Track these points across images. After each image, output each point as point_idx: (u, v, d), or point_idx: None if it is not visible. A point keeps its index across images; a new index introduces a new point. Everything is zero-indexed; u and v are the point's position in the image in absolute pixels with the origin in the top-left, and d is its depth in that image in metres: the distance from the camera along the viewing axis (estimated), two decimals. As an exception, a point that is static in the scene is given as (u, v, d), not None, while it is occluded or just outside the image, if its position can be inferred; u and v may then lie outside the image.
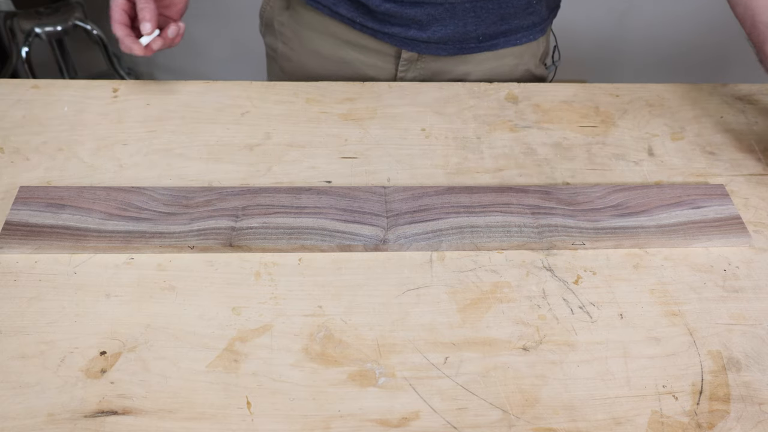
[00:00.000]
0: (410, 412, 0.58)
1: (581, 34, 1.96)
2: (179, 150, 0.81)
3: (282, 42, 1.02)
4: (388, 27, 0.92)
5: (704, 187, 0.77)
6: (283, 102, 0.88)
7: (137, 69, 2.06)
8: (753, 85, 0.94)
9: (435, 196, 0.74)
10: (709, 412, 0.58)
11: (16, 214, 0.70)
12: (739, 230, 0.72)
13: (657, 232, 0.71)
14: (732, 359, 0.62)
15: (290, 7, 0.99)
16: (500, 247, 0.70)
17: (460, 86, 0.92)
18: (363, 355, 0.61)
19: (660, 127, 0.87)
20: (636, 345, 0.63)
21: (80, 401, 0.57)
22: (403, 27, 0.92)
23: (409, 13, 0.90)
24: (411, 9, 0.89)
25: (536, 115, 0.88)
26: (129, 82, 0.91)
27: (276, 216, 0.71)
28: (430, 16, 0.90)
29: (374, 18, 0.92)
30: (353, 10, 0.92)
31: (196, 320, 0.63)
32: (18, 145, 0.80)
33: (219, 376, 0.59)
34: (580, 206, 0.74)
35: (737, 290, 0.68)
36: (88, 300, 0.64)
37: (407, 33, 0.93)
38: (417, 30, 0.92)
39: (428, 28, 0.92)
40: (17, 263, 0.67)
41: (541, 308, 0.65)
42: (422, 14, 0.90)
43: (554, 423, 0.57)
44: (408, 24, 0.92)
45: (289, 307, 0.65)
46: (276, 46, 1.04)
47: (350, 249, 0.70)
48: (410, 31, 0.92)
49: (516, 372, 0.60)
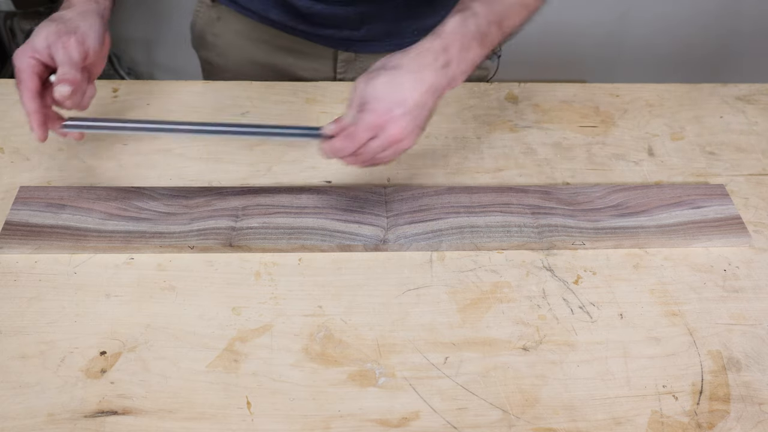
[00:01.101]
0: (410, 412, 0.58)
1: (581, 34, 1.96)
2: (179, 150, 0.81)
3: (216, 54, 0.99)
4: (321, 29, 0.91)
5: (704, 187, 0.77)
6: (283, 102, 0.88)
7: (137, 69, 2.06)
8: (753, 85, 0.94)
9: (435, 196, 0.74)
10: (709, 412, 0.58)
11: (16, 214, 0.70)
12: (739, 230, 0.72)
13: (657, 232, 0.71)
14: (732, 359, 0.62)
15: (221, 18, 0.96)
16: (500, 247, 0.70)
17: (460, 86, 0.92)
18: (363, 355, 0.61)
19: (660, 127, 0.87)
20: (636, 345, 0.63)
21: (80, 401, 0.57)
22: (336, 28, 0.90)
23: (340, 14, 0.88)
24: (342, 9, 0.87)
25: (536, 115, 0.88)
26: (129, 82, 0.91)
27: (276, 216, 0.71)
28: (362, 14, 0.88)
29: (306, 21, 0.90)
30: (284, 14, 0.90)
31: (196, 320, 0.63)
32: (18, 145, 0.80)
33: (219, 376, 0.59)
34: (580, 206, 0.74)
35: (737, 290, 0.68)
36: (88, 300, 0.64)
37: (341, 33, 0.91)
38: (351, 30, 0.90)
39: (362, 27, 0.90)
40: (17, 263, 0.67)
41: (541, 308, 0.65)
42: (354, 13, 0.88)
43: (554, 423, 0.57)
44: (341, 24, 0.90)
45: (289, 307, 0.65)
46: (211, 58, 1.01)
47: (350, 249, 0.70)
48: (344, 31, 0.91)
49: (516, 372, 0.60)
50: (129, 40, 1.98)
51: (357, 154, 0.63)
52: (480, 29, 0.62)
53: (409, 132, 0.61)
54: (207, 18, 0.98)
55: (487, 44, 0.63)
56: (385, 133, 0.61)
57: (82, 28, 0.65)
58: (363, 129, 0.61)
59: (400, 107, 0.60)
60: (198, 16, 0.99)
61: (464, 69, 0.63)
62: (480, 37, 0.62)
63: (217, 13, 0.96)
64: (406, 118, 0.60)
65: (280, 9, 0.90)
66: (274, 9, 0.90)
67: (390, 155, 0.63)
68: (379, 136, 0.61)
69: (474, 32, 0.62)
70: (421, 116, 0.62)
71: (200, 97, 0.88)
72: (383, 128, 0.61)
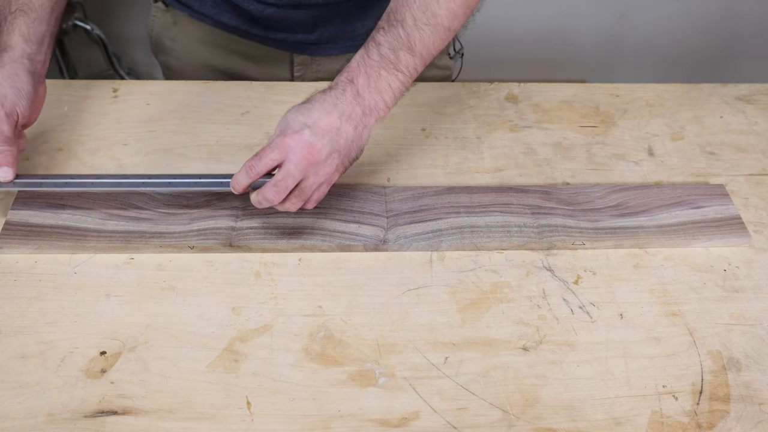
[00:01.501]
0: (410, 412, 0.58)
1: (581, 34, 1.96)
2: (179, 150, 0.81)
3: (174, 58, 0.99)
4: (274, 33, 0.90)
5: (704, 187, 0.77)
6: (283, 102, 0.88)
7: (137, 69, 2.06)
8: (753, 85, 0.94)
9: (435, 196, 0.74)
10: (709, 412, 0.58)
11: (16, 214, 0.70)
12: (739, 230, 0.72)
13: (657, 232, 0.71)
14: (732, 359, 0.62)
15: (177, 23, 0.96)
16: (500, 247, 0.70)
17: (460, 86, 0.92)
18: (363, 355, 0.61)
19: (660, 127, 0.87)
20: (636, 345, 0.63)
21: (80, 401, 0.57)
22: (289, 32, 0.90)
23: (293, 17, 0.87)
24: (294, 13, 0.87)
25: (536, 115, 0.88)
26: (129, 82, 0.91)
27: (276, 216, 0.71)
28: (314, 18, 0.88)
29: (259, 25, 0.90)
30: (236, 18, 0.90)
31: (196, 320, 0.63)
32: (18, 145, 0.80)
33: (219, 376, 0.59)
34: (580, 206, 0.74)
35: (737, 290, 0.68)
36: (88, 300, 0.64)
37: (294, 37, 0.90)
38: (304, 33, 0.90)
39: (315, 30, 0.90)
40: (17, 263, 0.67)
41: (541, 308, 0.65)
42: (306, 17, 0.88)
43: (554, 423, 0.57)
44: (294, 28, 0.89)
45: (289, 307, 0.65)
46: (170, 63, 1.00)
47: (350, 249, 0.70)
48: (297, 35, 0.90)
49: (516, 372, 0.60)
50: (129, 40, 1.98)
51: (278, 185, 0.62)
52: (385, 57, 0.65)
53: (326, 154, 0.63)
54: (163, 23, 0.97)
55: (401, 68, 0.65)
56: (296, 154, 0.62)
57: (9, 97, 0.67)
58: (275, 148, 0.62)
59: (309, 129, 0.62)
60: (154, 21, 0.98)
61: (383, 96, 0.65)
62: (387, 64, 0.65)
63: (172, 17, 0.96)
64: (320, 139, 0.62)
65: (232, 13, 0.89)
66: (226, 13, 0.90)
67: (314, 183, 0.64)
68: (292, 158, 0.62)
69: (378, 61, 0.65)
70: (339, 142, 0.63)
71: (200, 97, 0.88)
72: (294, 149, 0.62)
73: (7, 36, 0.70)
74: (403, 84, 0.66)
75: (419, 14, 0.65)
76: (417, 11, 0.65)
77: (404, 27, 0.65)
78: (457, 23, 0.68)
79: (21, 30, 0.70)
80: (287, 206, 0.64)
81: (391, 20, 0.66)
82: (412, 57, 0.65)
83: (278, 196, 0.63)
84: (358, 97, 0.64)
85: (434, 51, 0.67)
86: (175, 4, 0.93)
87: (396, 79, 0.65)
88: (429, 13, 0.65)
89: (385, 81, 0.65)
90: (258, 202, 0.64)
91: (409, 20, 0.65)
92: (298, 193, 0.64)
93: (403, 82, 0.66)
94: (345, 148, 0.64)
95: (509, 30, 1.94)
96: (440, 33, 0.66)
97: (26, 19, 0.71)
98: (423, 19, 0.65)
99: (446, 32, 0.67)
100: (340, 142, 0.64)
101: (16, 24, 0.70)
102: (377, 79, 0.65)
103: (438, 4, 0.65)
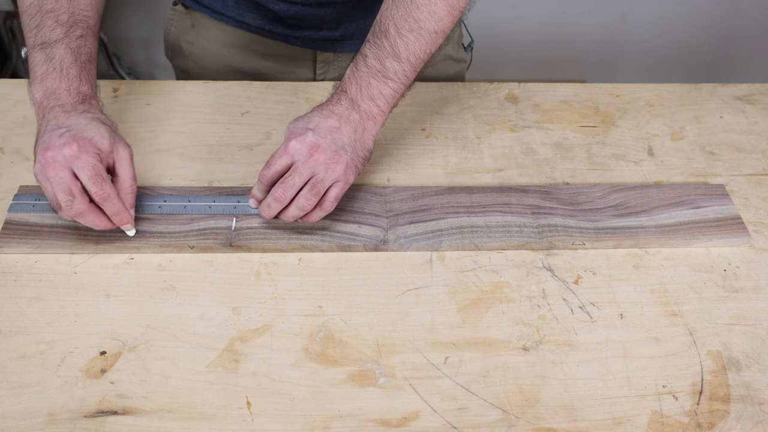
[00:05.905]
0: (410, 412, 0.58)
1: (581, 34, 1.96)
2: (179, 150, 0.81)
3: (193, 62, 0.98)
4: (299, 31, 0.90)
5: (704, 187, 0.77)
6: (283, 102, 0.88)
7: (137, 69, 2.06)
8: (753, 85, 0.94)
9: (435, 196, 0.74)
10: (709, 412, 0.58)
11: (16, 214, 0.70)
12: (739, 230, 0.72)
13: (657, 232, 0.71)
14: (732, 359, 0.62)
15: (195, 25, 0.95)
16: (500, 247, 0.70)
17: (460, 86, 0.92)
18: (363, 355, 0.61)
19: (660, 127, 0.87)
20: (636, 345, 0.63)
21: (80, 401, 0.57)
22: (314, 29, 0.90)
23: (318, 14, 0.88)
24: (320, 10, 0.87)
25: (536, 115, 0.88)
26: (129, 82, 0.91)
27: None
28: (339, 14, 0.88)
29: (283, 24, 0.90)
30: (260, 18, 0.90)
31: (196, 320, 0.63)
32: (18, 145, 0.80)
33: (219, 376, 0.59)
34: (580, 206, 0.74)
35: (737, 290, 0.68)
36: (88, 300, 0.64)
37: (319, 34, 0.91)
38: (329, 30, 0.90)
39: (339, 26, 0.90)
40: (17, 263, 0.67)
41: (541, 308, 0.65)
42: (331, 14, 0.88)
43: (554, 423, 0.57)
44: (319, 25, 0.90)
45: (289, 307, 0.65)
46: (187, 66, 1.00)
47: (350, 249, 0.70)
48: (322, 32, 0.90)
49: (516, 372, 0.60)
50: (129, 40, 1.98)
51: (285, 182, 0.65)
52: (372, 67, 0.68)
53: (333, 152, 0.65)
54: (181, 26, 0.97)
55: (390, 76, 0.68)
56: (302, 154, 0.65)
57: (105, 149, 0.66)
58: (281, 153, 0.66)
59: (311, 131, 0.66)
60: (172, 24, 0.98)
61: (376, 102, 0.68)
62: (375, 74, 0.68)
63: (191, 20, 0.95)
64: (324, 139, 0.65)
65: (255, 13, 0.89)
66: (249, 13, 0.90)
67: (326, 178, 0.65)
68: (299, 159, 0.65)
69: (366, 72, 0.68)
70: (342, 139, 0.66)
71: (200, 97, 0.88)
72: (299, 150, 0.65)
73: (85, 85, 0.69)
74: (395, 90, 0.69)
75: (402, 23, 0.68)
76: (399, 20, 0.68)
77: (388, 37, 0.68)
78: (443, 25, 0.69)
79: (91, 79, 0.70)
80: (301, 203, 0.65)
81: (375, 32, 0.69)
82: (399, 64, 0.68)
83: (285, 193, 0.65)
84: (353, 103, 0.68)
85: (423, 55, 0.69)
86: (196, 6, 0.93)
87: (386, 86, 0.68)
88: (411, 19, 0.68)
89: (375, 89, 0.68)
90: (268, 205, 0.67)
91: (392, 30, 0.68)
92: (310, 187, 0.65)
93: (394, 89, 0.69)
94: (350, 145, 0.67)
95: (509, 30, 1.95)
96: (425, 37, 0.69)
97: (91, 66, 0.71)
98: (406, 26, 0.68)
99: (432, 35, 0.69)
100: (343, 139, 0.66)
101: (86, 69, 0.70)
102: (368, 88, 0.68)
103: (419, 11, 0.67)
